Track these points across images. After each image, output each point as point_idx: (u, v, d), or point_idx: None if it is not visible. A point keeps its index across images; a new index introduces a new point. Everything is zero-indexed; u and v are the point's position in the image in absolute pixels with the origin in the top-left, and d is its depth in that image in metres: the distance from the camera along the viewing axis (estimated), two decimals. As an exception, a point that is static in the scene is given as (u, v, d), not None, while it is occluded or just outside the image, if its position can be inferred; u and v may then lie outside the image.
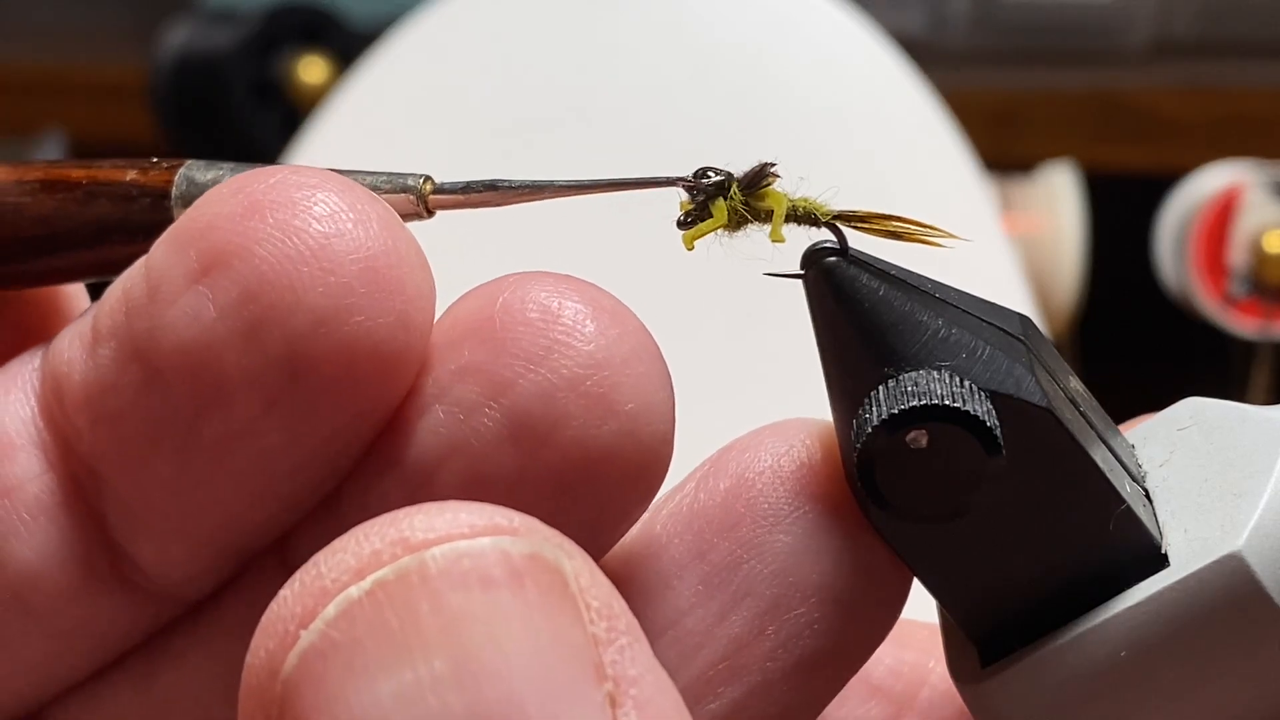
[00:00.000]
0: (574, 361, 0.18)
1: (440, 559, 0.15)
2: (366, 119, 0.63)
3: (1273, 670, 0.18)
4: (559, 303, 0.18)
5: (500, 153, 0.61)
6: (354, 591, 0.15)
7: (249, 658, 0.15)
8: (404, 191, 0.20)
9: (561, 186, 0.20)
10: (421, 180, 0.20)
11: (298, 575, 0.15)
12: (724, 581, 0.20)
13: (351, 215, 0.18)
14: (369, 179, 0.19)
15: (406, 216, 0.19)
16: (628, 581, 0.20)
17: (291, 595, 0.15)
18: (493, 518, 0.15)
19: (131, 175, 0.20)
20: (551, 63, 0.63)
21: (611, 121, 0.62)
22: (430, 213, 0.20)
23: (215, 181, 0.19)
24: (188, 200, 0.19)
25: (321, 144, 0.62)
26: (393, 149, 0.62)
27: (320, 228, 0.17)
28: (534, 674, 0.14)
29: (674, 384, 0.19)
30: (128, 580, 0.19)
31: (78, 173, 0.21)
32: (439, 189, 0.20)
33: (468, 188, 0.20)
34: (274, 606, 0.15)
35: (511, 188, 0.20)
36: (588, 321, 0.18)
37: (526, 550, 0.15)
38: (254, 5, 0.92)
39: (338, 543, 0.15)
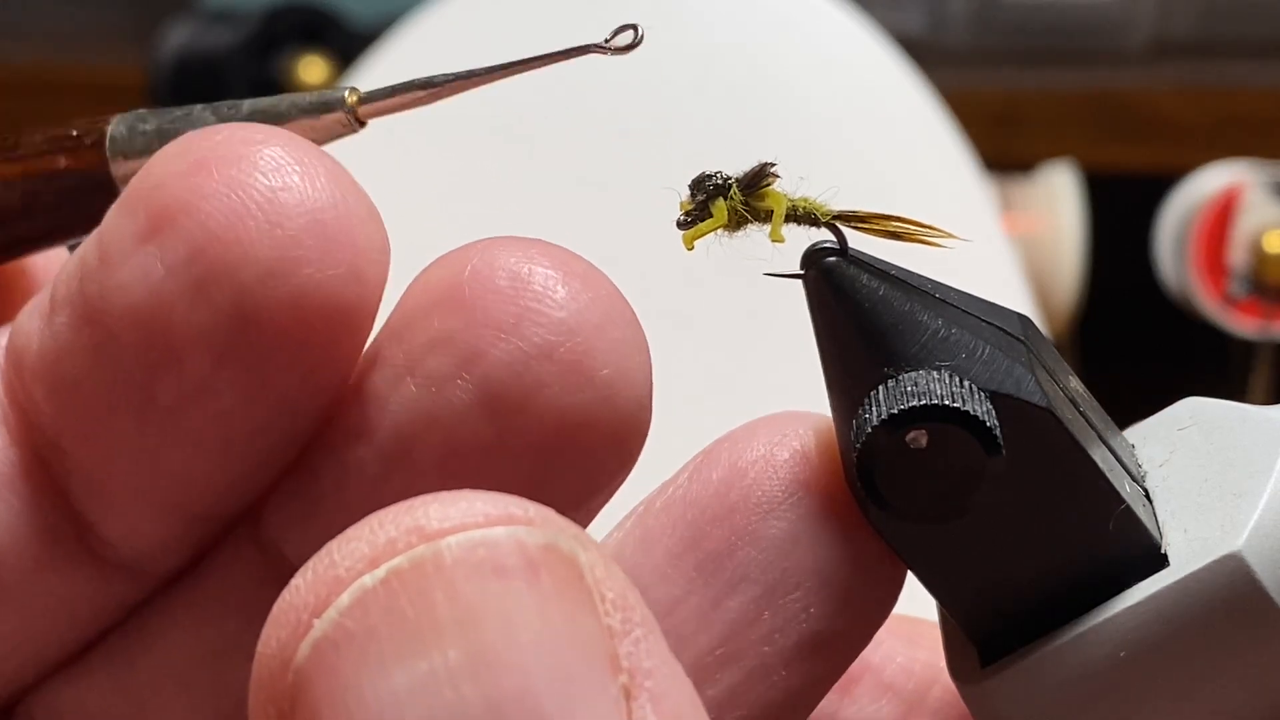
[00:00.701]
0: (545, 329, 0.18)
1: (456, 548, 0.15)
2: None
3: (1273, 670, 0.18)
4: (529, 268, 0.18)
5: (499, 153, 0.61)
6: (368, 580, 0.15)
7: (260, 647, 0.15)
8: (332, 108, 0.20)
9: (486, 71, 0.20)
10: (345, 92, 0.20)
11: (310, 563, 0.15)
12: (719, 568, 0.20)
13: (298, 169, 0.18)
14: (293, 101, 0.20)
15: (339, 132, 0.20)
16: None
17: (304, 584, 0.15)
18: (508, 507, 0.15)
19: (64, 162, 0.20)
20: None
21: (612, 122, 0.62)
22: (362, 123, 0.20)
23: (146, 141, 0.20)
24: (130, 154, 0.20)
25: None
26: (392, 149, 0.62)
27: (266, 181, 0.17)
28: (549, 665, 0.14)
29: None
30: (96, 554, 0.19)
31: (10, 170, 0.21)
32: (366, 97, 0.20)
33: (394, 90, 0.20)
34: (286, 595, 0.15)
35: (446, 80, 0.20)
36: (559, 287, 0.18)
37: (542, 540, 0.15)
38: (254, 5, 0.92)
39: (351, 531, 0.15)
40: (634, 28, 0.20)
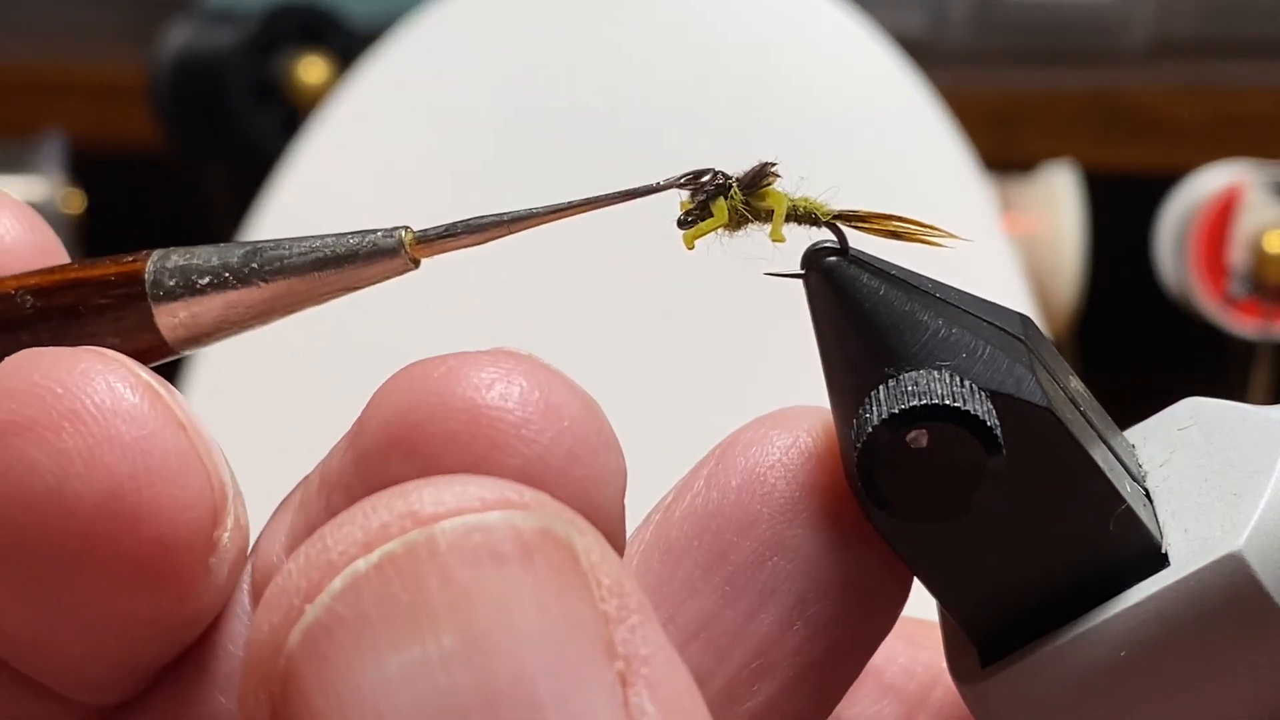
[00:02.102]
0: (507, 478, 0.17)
1: (450, 533, 0.15)
2: (366, 119, 0.63)
3: (1273, 670, 0.18)
4: (485, 410, 0.17)
5: (500, 154, 0.61)
6: (361, 565, 0.15)
7: (251, 633, 0.15)
8: (384, 252, 0.19)
9: (545, 213, 0.19)
10: (401, 232, 0.19)
11: (303, 548, 0.15)
12: (749, 581, 0.20)
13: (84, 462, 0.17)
14: (346, 241, 0.19)
15: (395, 272, 0.19)
16: (653, 590, 0.20)
17: (296, 569, 0.15)
18: (503, 492, 0.15)
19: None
20: (552, 63, 0.63)
21: (612, 122, 0.62)
22: (416, 263, 0.19)
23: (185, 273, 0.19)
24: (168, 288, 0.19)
25: (321, 144, 0.62)
26: (393, 149, 0.62)
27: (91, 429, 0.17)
28: (544, 651, 0.14)
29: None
30: (40, 687, 0.19)
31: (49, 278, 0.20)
32: (421, 237, 0.19)
33: (451, 230, 0.19)
34: (278, 580, 0.15)
35: (500, 221, 0.19)
36: (518, 429, 0.17)
37: (537, 525, 0.15)
38: (254, 5, 0.92)
39: (344, 515, 0.15)
40: (716, 172, 0.19)
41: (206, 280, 0.19)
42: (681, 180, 0.20)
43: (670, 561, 0.20)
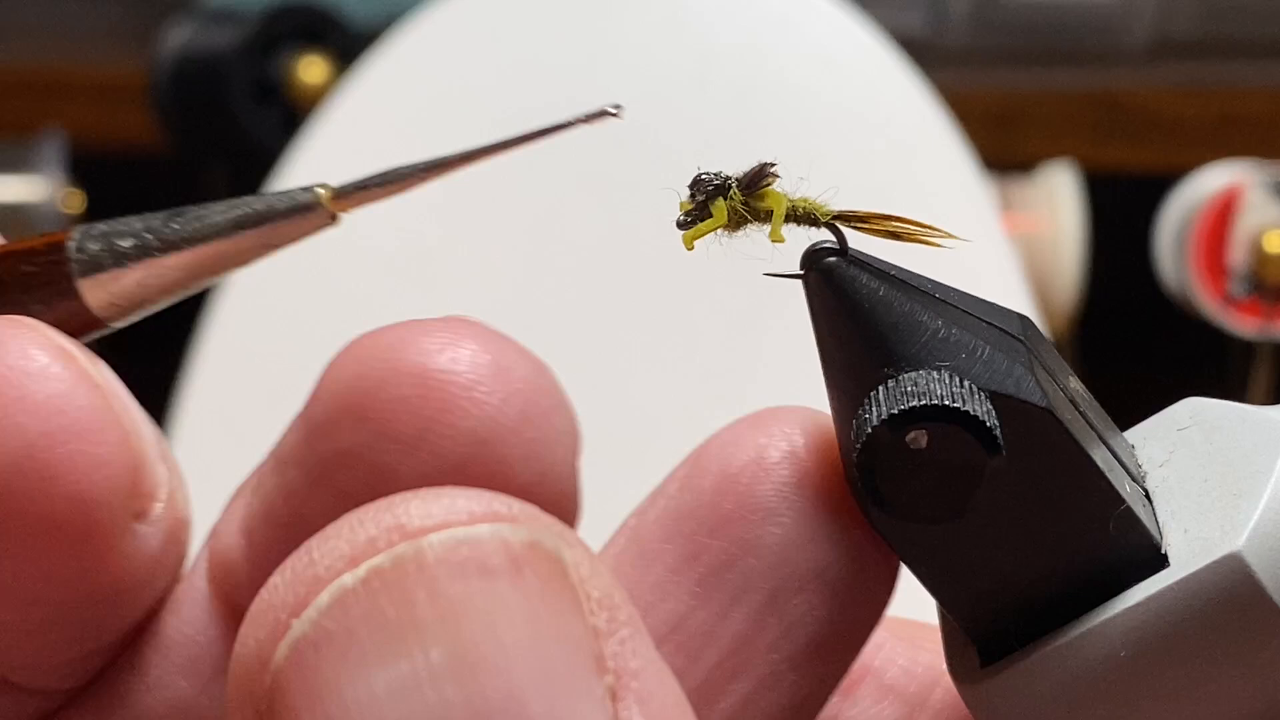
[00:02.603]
0: (456, 441, 0.17)
1: (438, 546, 0.15)
2: (366, 119, 0.63)
3: (1273, 670, 0.18)
4: (435, 374, 0.17)
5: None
6: (348, 579, 0.14)
7: (237, 647, 0.15)
8: (302, 207, 0.19)
9: (458, 157, 0.20)
10: (318, 188, 0.19)
11: (289, 562, 0.15)
12: (721, 580, 0.20)
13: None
14: (265, 201, 0.19)
15: (315, 228, 0.19)
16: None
17: (283, 583, 0.15)
18: (491, 504, 0.15)
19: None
20: (552, 63, 0.63)
21: (611, 121, 0.62)
22: (334, 218, 0.19)
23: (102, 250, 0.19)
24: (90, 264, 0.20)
25: (321, 144, 0.62)
26: (393, 149, 0.62)
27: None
28: (534, 666, 0.14)
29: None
30: None
31: None
32: (339, 192, 0.19)
33: (365, 183, 0.19)
34: (264, 594, 0.15)
35: (414, 171, 0.20)
36: (469, 390, 0.17)
37: (526, 538, 0.15)
38: (254, 5, 0.92)
39: (331, 529, 0.15)
40: (617, 106, 0.20)
41: (129, 243, 0.20)
42: (588, 117, 0.20)
43: (642, 566, 0.20)
